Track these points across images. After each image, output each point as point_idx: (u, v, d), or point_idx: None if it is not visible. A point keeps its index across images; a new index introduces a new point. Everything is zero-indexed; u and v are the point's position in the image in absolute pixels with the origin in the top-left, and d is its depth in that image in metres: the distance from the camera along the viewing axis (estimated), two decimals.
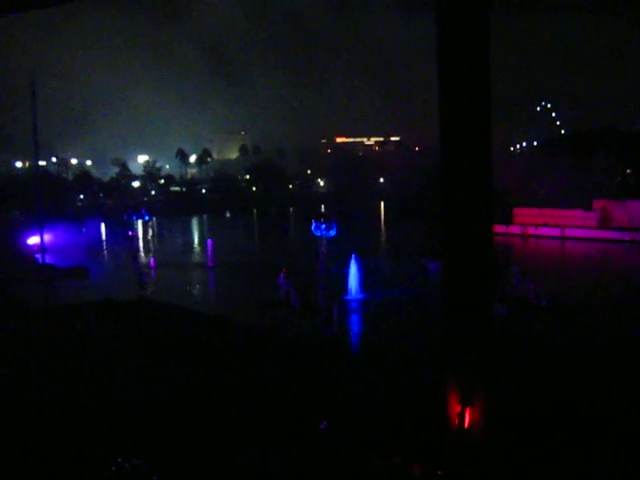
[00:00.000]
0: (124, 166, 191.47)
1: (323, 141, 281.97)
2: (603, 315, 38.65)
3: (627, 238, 78.82)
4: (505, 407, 18.17)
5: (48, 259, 69.91)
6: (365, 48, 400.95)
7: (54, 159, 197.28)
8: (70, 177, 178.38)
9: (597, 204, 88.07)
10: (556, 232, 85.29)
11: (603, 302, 42.56)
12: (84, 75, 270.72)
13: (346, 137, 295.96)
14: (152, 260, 67.11)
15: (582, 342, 32.31)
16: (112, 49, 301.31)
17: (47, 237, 78.14)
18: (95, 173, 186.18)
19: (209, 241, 69.93)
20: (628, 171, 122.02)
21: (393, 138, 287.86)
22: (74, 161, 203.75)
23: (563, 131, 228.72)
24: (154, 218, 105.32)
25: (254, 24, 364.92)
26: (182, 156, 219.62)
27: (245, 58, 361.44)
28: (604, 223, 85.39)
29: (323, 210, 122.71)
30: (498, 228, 76.19)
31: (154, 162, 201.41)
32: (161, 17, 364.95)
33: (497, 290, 38.10)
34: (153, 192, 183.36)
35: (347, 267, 47.92)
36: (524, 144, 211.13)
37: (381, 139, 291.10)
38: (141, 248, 75.58)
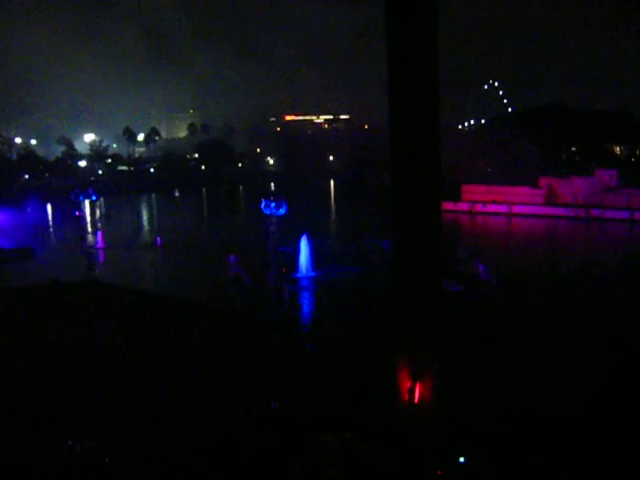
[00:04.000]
0: (70, 145, 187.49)
1: (272, 119, 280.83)
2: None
3: (572, 214, 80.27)
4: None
5: None
6: (312, 27, 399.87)
7: None
8: (14, 156, 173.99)
9: (543, 181, 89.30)
10: (503, 209, 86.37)
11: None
12: (29, 54, 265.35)
13: (295, 115, 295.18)
14: (100, 240, 66.00)
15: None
16: (56, 28, 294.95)
17: None
18: (40, 152, 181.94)
19: (157, 220, 69.06)
20: (573, 148, 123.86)
21: (342, 116, 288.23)
22: (18, 140, 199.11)
23: (510, 109, 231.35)
24: (102, 198, 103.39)
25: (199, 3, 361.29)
26: (130, 135, 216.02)
27: (192, 37, 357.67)
28: (550, 200, 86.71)
29: (273, 188, 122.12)
30: (447, 205, 76.88)
31: (101, 141, 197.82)
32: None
33: (447, 268, 39.51)
34: (100, 171, 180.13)
35: (297, 246, 47.89)
36: (472, 122, 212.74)
37: (330, 117, 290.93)
38: (89, 228, 74.18)
